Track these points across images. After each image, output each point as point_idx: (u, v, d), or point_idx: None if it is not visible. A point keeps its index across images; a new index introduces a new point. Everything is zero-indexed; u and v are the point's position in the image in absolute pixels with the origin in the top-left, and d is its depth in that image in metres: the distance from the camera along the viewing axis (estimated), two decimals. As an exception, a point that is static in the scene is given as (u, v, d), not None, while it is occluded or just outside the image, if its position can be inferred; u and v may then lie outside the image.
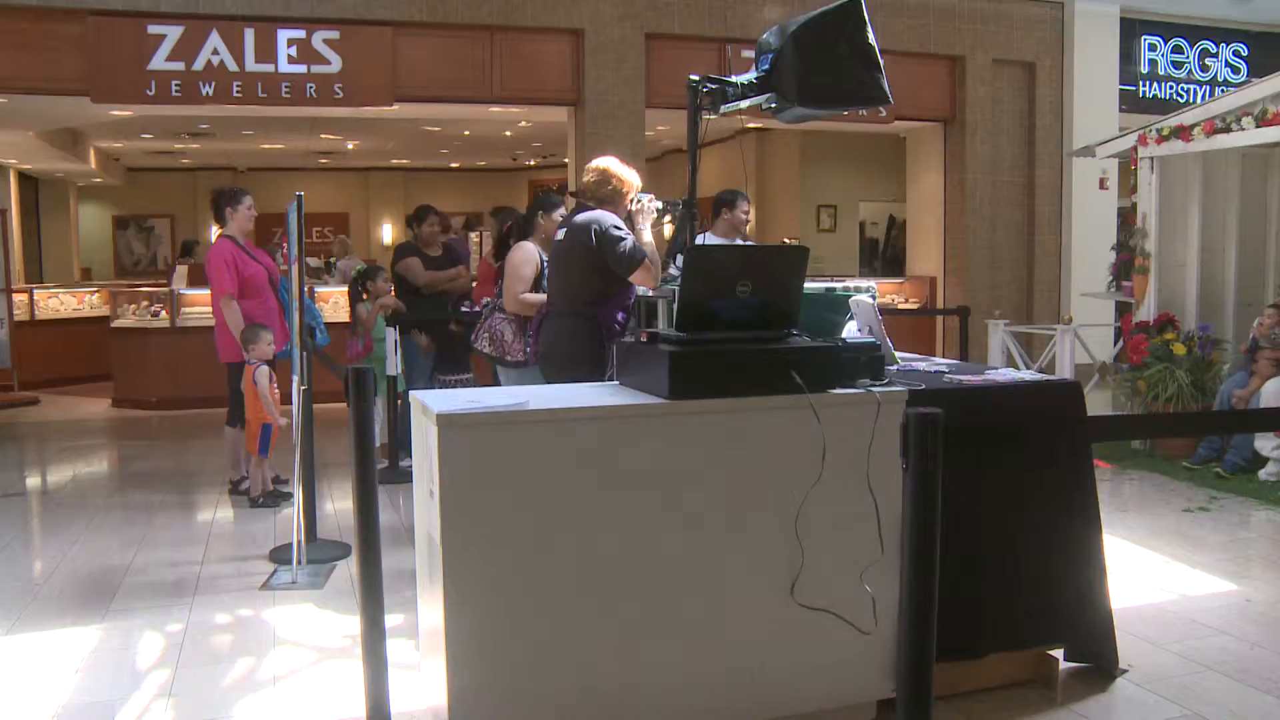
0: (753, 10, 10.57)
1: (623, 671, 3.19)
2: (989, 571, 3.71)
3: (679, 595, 3.23)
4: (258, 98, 9.47)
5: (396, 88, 9.86)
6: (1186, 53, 13.24)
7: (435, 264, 8.16)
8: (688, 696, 3.27)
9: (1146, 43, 12.98)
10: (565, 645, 3.12)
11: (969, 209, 11.90)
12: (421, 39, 9.88)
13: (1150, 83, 13.03)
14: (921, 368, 4.21)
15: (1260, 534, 6.11)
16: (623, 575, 3.16)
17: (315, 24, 9.50)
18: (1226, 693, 3.85)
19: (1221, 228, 8.57)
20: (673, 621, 3.23)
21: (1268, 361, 7.42)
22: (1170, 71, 13.15)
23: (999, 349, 9.31)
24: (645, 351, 3.36)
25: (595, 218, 4.78)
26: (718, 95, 4.57)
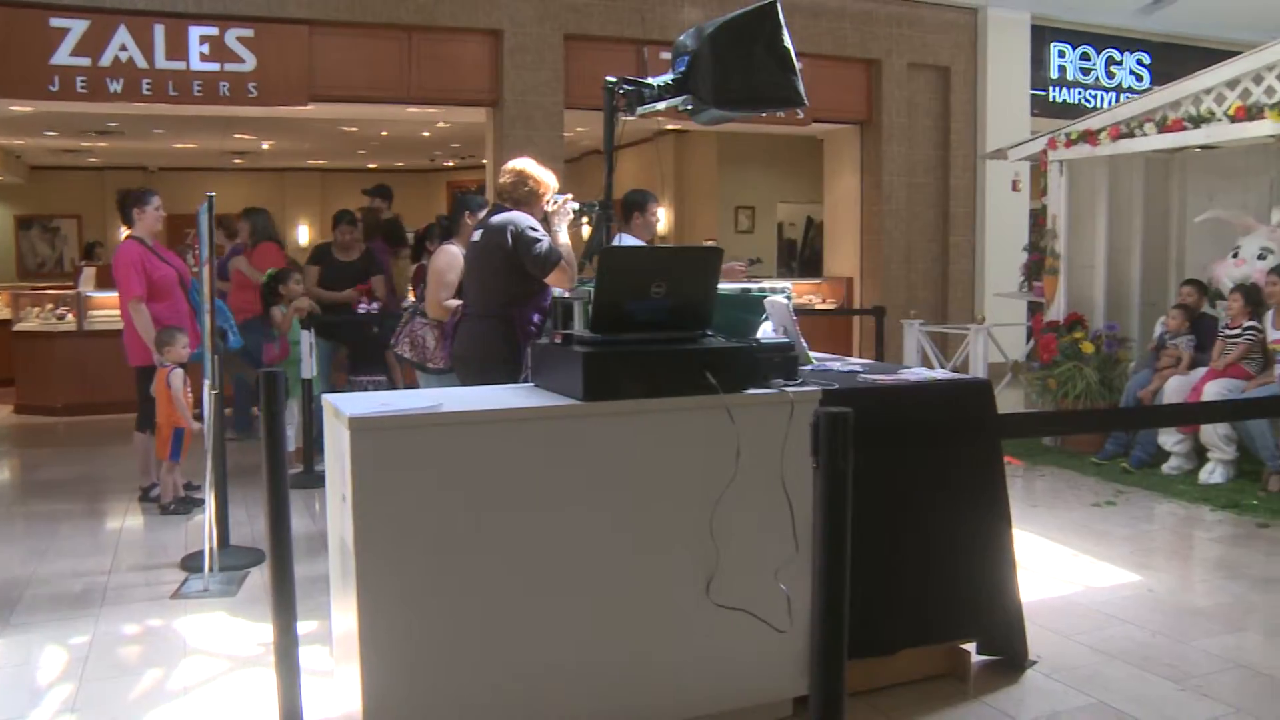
0: (671, 12, 10.60)
1: (539, 673, 3.18)
2: (901, 568, 3.76)
3: (594, 596, 3.23)
4: (168, 96, 9.25)
5: (312, 87, 9.70)
6: (1094, 60, 13.54)
7: (347, 271, 8.06)
8: (604, 697, 3.27)
9: (1056, 49, 13.25)
10: (480, 648, 3.10)
11: (885, 210, 12.06)
12: (338, 38, 9.74)
13: (1060, 88, 13.30)
14: (835, 367, 4.26)
15: (1163, 526, 6.29)
16: (538, 577, 3.15)
17: (228, 21, 9.31)
18: (1130, 680, 3.96)
19: (1127, 229, 8.79)
20: (588, 623, 3.23)
21: (1171, 359, 7.63)
22: (1079, 78, 13.44)
23: (914, 348, 9.45)
24: (560, 353, 3.35)
25: (511, 219, 4.77)
26: (634, 97, 4.56)
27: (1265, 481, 6.86)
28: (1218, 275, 7.87)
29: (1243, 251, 7.68)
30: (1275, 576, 5.30)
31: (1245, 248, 7.68)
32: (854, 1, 11.60)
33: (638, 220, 6.07)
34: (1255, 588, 5.10)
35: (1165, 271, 8.93)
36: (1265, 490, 6.78)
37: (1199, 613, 4.74)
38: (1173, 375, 7.50)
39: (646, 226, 6.16)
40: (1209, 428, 7.08)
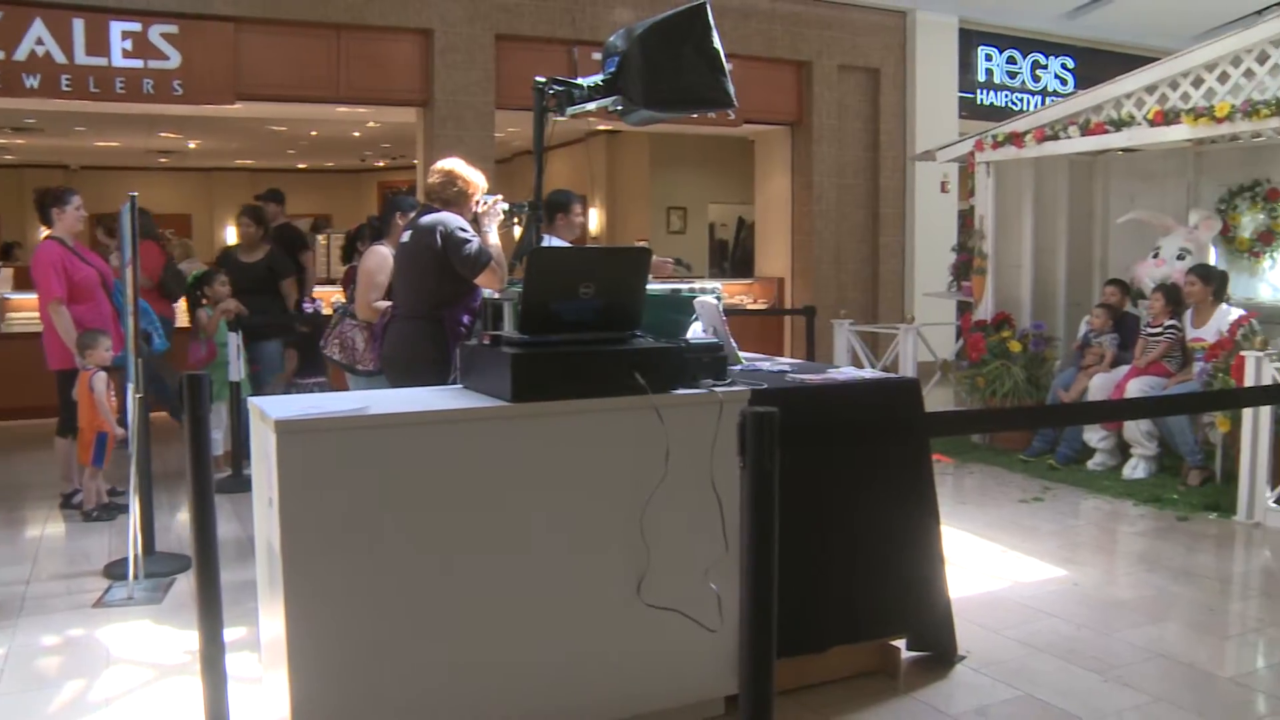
0: (603, 12, 10.59)
1: (469, 676, 3.16)
2: (832, 567, 3.79)
3: (525, 598, 3.21)
4: (89, 93, 9.03)
5: (239, 86, 9.54)
6: (1020, 63, 13.75)
7: (249, 272, 7.86)
8: (537, 699, 3.25)
9: (983, 53, 13.43)
10: (410, 651, 3.07)
11: (815, 211, 12.14)
12: (265, 36, 9.59)
13: (987, 91, 13.49)
14: (765, 367, 4.28)
15: (1088, 521, 6.40)
16: (468, 579, 3.13)
17: (151, 17, 9.11)
18: (1056, 672, 4.03)
19: (1052, 230, 8.94)
20: (519, 624, 3.21)
21: (1095, 358, 7.77)
22: (1005, 81, 13.64)
23: (844, 348, 9.52)
24: (488, 354, 3.34)
25: (441, 220, 4.73)
26: (564, 97, 4.55)
27: (1185, 476, 7.01)
28: (1139, 275, 8.03)
29: (1163, 252, 7.84)
30: (1195, 569, 5.42)
31: (1165, 248, 7.85)
32: (784, 3, 11.67)
33: (561, 221, 6.03)
34: (1176, 580, 5.21)
35: (1089, 271, 9.09)
36: (1185, 485, 6.93)
37: (1122, 605, 4.84)
38: (1097, 373, 7.64)
39: (570, 227, 6.13)
40: (1131, 424, 7.22)
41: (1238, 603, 5.06)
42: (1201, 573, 5.37)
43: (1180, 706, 3.74)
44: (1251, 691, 3.96)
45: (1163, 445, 7.27)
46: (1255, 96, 6.52)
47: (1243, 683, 4.04)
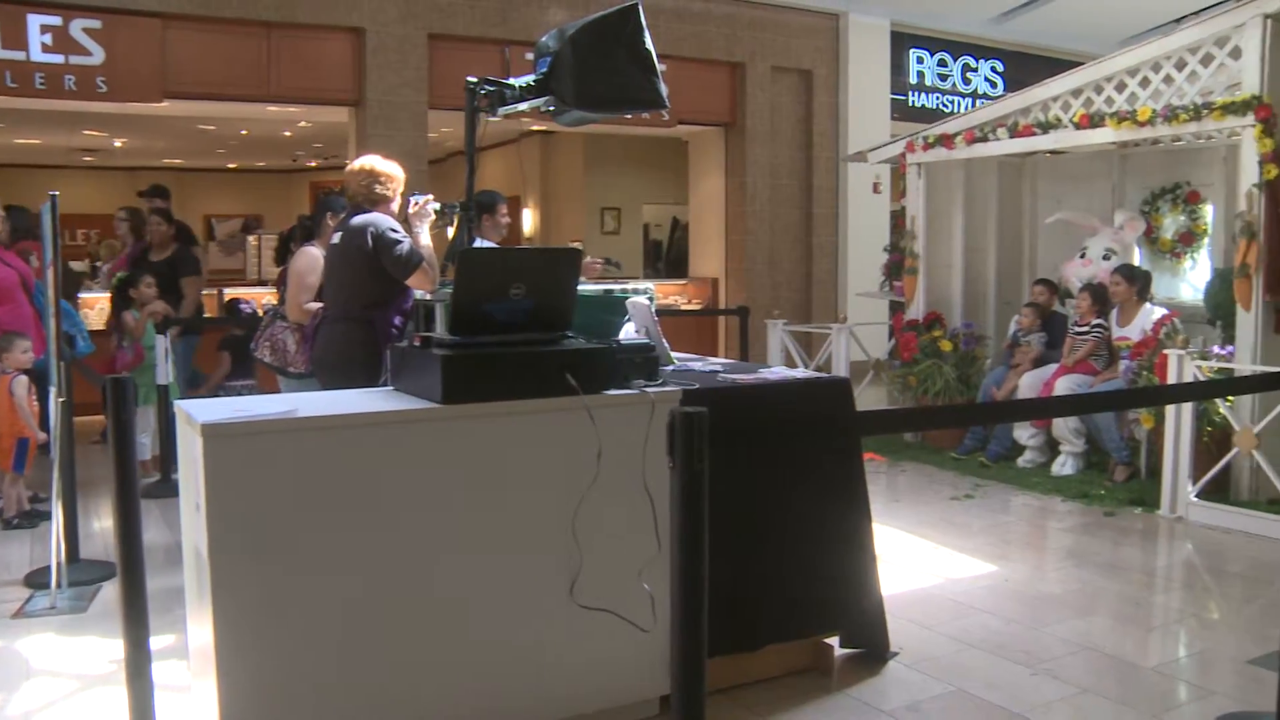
0: (536, 13, 10.56)
1: (402, 680, 3.13)
2: (765, 566, 3.80)
3: (457, 601, 3.19)
4: (6, 87, 8.77)
5: (166, 83, 9.37)
6: (950, 66, 13.93)
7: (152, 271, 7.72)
8: (470, 702, 3.23)
9: (915, 55, 13.59)
10: (341, 656, 3.04)
11: (749, 211, 12.20)
12: (193, 33, 9.42)
13: (918, 93, 13.65)
14: (697, 367, 4.29)
15: (1018, 517, 6.49)
16: (399, 583, 3.10)
17: (73, 11, 8.90)
18: (987, 667, 4.08)
19: (982, 230, 9.06)
20: (452, 627, 3.19)
21: (1024, 356, 7.88)
22: (936, 83, 13.81)
23: (778, 348, 9.57)
24: (419, 356, 3.31)
25: (372, 221, 4.69)
26: (496, 98, 4.54)
27: (1112, 472, 7.14)
28: (1067, 275, 8.17)
29: (1089, 252, 7.98)
30: (1120, 562, 5.52)
31: (1091, 248, 7.99)
32: (718, 5, 11.72)
33: (487, 222, 6.00)
34: (1103, 573, 5.30)
35: (1019, 271, 9.22)
36: (1112, 480, 7.06)
37: (1051, 599, 4.91)
38: (1026, 372, 7.76)
39: (496, 228, 6.10)
40: (1060, 422, 7.34)
41: (1161, 595, 5.16)
42: (1127, 566, 5.48)
43: (1106, 697, 3.82)
44: (1174, 680, 4.04)
45: (1090, 442, 7.40)
46: (1175, 102, 6.66)
47: (1165, 672, 4.12)
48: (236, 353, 7.89)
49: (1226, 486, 6.40)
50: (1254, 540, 5.82)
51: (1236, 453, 6.16)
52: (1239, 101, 6.26)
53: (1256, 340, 6.29)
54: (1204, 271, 8.03)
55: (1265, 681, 3.61)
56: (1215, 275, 7.30)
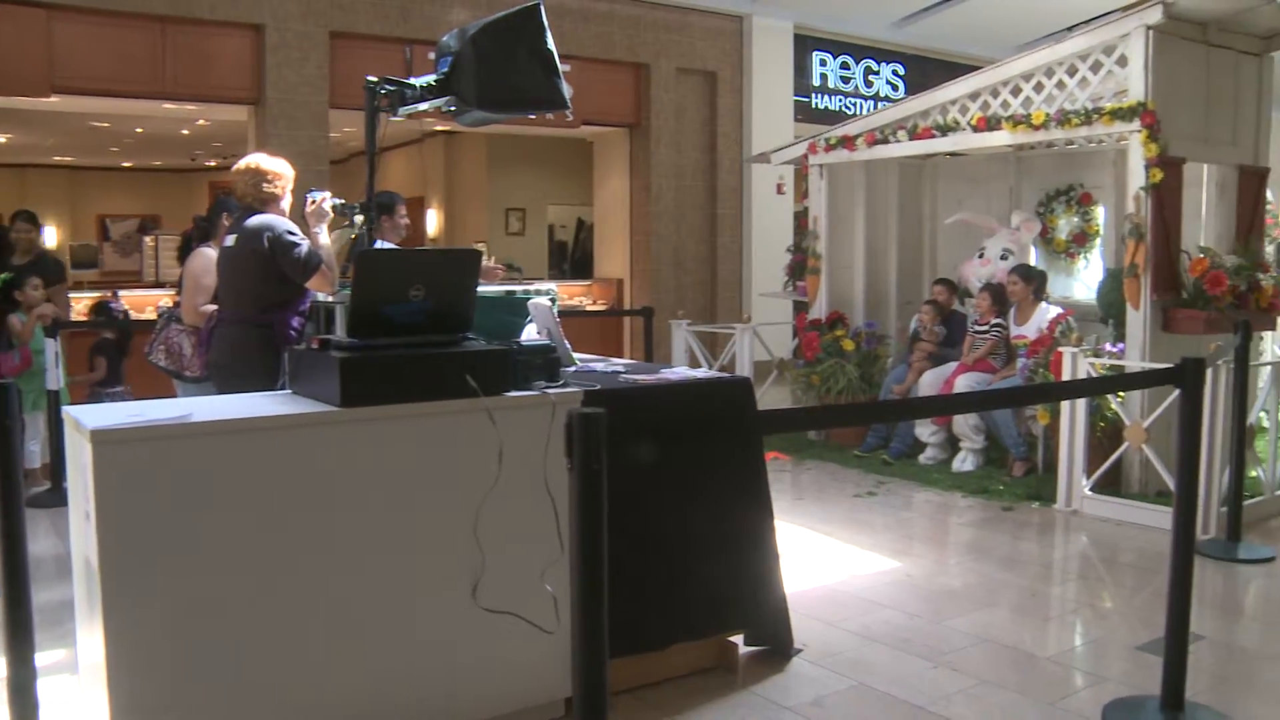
0: (439, 12, 10.47)
1: (302, 688, 3.08)
2: (668, 565, 3.82)
3: (359, 606, 3.15)
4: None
5: (54, 78, 9.07)
6: (853, 69, 14.11)
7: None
8: (372, 709, 3.19)
9: (818, 58, 13.75)
10: (238, 667, 2.98)
11: (654, 212, 12.23)
12: (82, 25, 9.12)
13: (821, 95, 13.81)
14: (599, 368, 4.29)
15: (920, 514, 6.60)
16: (298, 589, 3.05)
17: (-49, 1, 8.62)
18: (890, 662, 4.14)
19: (884, 231, 9.18)
20: (354, 633, 3.15)
21: (923, 355, 8.02)
22: (839, 86, 13.99)
23: (682, 349, 9.60)
24: (317, 359, 3.26)
25: (268, 223, 4.62)
26: (396, 97, 4.49)
27: (1010, 468, 7.30)
28: (966, 274, 8.32)
29: (988, 252, 8.14)
30: (1019, 556, 5.64)
31: (990, 248, 8.15)
32: (622, 6, 11.73)
33: (386, 223, 5.94)
34: (1002, 567, 5.41)
35: (920, 271, 9.37)
36: (1010, 476, 7.21)
37: (952, 593, 5.00)
38: (927, 370, 7.89)
39: (395, 229, 6.03)
40: (960, 419, 7.48)
41: (1058, 586, 5.28)
42: (1025, 559, 5.60)
43: (1004, 687, 3.90)
44: (1069, 669, 4.15)
45: (989, 439, 7.55)
46: (1067, 106, 6.83)
47: (1061, 661, 4.22)
48: (111, 358, 7.68)
49: (1118, 480, 6.58)
50: (1144, 531, 5.99)
51: (1127, 447, 6.33)
52: (1126, 108, 6.44)
53: (1145, 338, 6.47)
54: (1096, 271, 8.23)
55: (1153, 666, 3.72)
56: (1107, 275, 7.49)
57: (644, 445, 3.50)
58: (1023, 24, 12.94)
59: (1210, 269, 6.50)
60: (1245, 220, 7.15)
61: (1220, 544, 5.69)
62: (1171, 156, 6.44)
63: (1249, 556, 5.56)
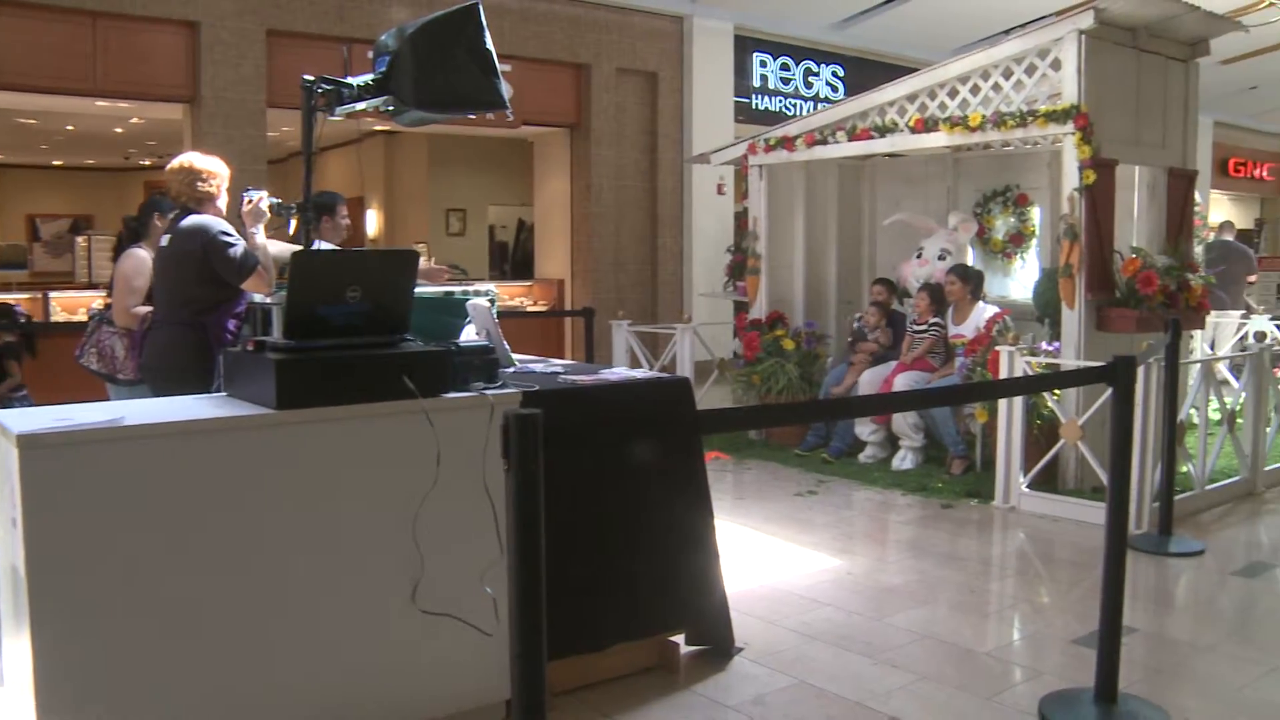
0: (379, 10, 10.39)
1: (238, 694, 3.03)
2: (608, 566, 3.82)
3: (297, 610, 3.11)
4: None
5: (-21, 72, 8.91)
6: (793, 70, 14.19)
7: None
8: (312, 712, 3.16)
9: (758, 59, 13.80)
10: (173, 673, 2.93)
11: (594, 213, 12.22)
12: (9, 19, 8.91)
13: (761, 96, 13.87)
14: (538, 369, 4.28)
15: (860, 512, 6.65)
16: (234, 595, 3.01)
17: None
18: (830, 659, 4.16)
19: (823, 231, 9.24)
20: (292, 638, 3.11)
21: (863, 355, 8.08)
22: (779, 86, 14.05)
23: (623, 349, 9.60)
24: (252, 361, 3.22)
25: (203, 224, 4.56)
26: (333, 96, 4.45)
27: (949, 465, 7.37)
28: (904, 274, 8.40)
29: (925, 252, 8.22)
30: (958, 552, 5.70)
31: (928, 249, 8.23)
32: (563, 6, 11.71)
33: (327, 224, 5.88)
34: (941, 564, 5.47)
35: (859, 271, 9.45)
36: (949, 474, 7.29)
37: (892, 591, 5.04)
38: (866, 369, 7.95)
39: (336, 230, 5.97)
40: (899, 417, 7.55)
41: (996, 582, 5.34)
42: (964, 556, 5.66)
43: (943, 682, 3.94)
44: (1008, 664, 4.20)
45: (928, 437, 7.62)
46: (1003, 109, 6.92)
47: (999, 656, 4.28)
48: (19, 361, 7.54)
49: (1055, 476, 6.68)
50: (1080, 527, 6.08)
51: (1063, 444, 6.42)
52: (1060, 110, 6.54)
53: (1080, 337, 6.57)
54: (1033, 271, 8.35)
55: (1088, 659, 3.77)
56: (1043, 275, 7.59)
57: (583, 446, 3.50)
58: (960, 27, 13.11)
59: (1142, 269, 6.62)
60: (1175, 221, 7.29)
61: (1152, 538, 5.79)
62: (1104, 158, 6.55)
63: (1180, 550, 5.67)
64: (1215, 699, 3.85)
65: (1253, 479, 7.00)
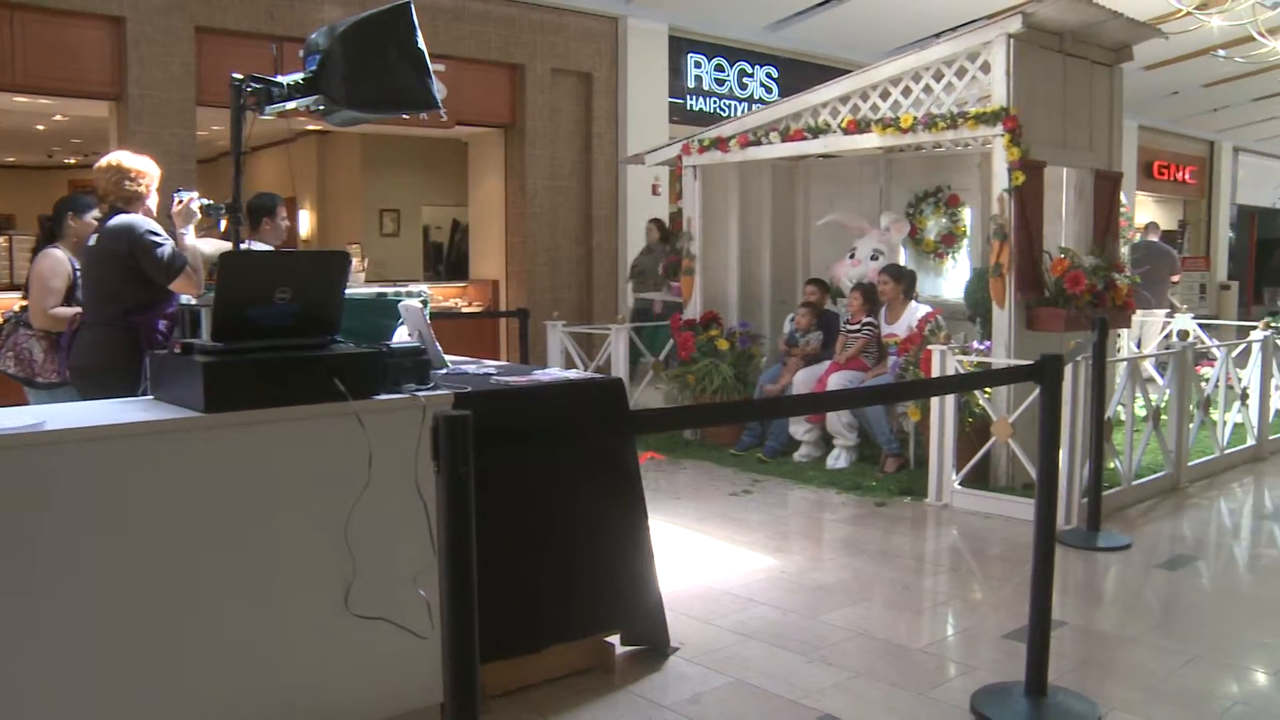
0: (310, 8, 10.25)
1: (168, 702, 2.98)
2: (543, 567, 3.81)
3: (226, 616, 3.06)
4: None
5: (-112, 66, 8.62)
6: (727, 71, 14.22)
7: None
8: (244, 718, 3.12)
9: (693, 60, 13.82)
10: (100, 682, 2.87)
11: (529, 213, 12.17)
12: (-82, 9, 8.68)
13: (696, 97, 13.89)
14: (471, 370, 4.26)
15: (795, 511, 6.69)
16: (163, 601, 2.95)
17: None
18: (765, 657, 4.19)
19: (757, 232, 9.30)
20: (222, 644, 3.06)
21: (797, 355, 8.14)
22: (714, 88, 14.08)
23: (557, 350, 9.58)
24: (180, 363, 3.17)
25: (130, 223, 4.49)
26: (263, 95, 4.39)
27: (883, 464, 7.45)
28: (837, 275, 8.47)
29: (858, 253, 8.30)
30: (892, 550, 5.76)
31: (860, 249, 8.31)
32: (497, 6, 11.65)
33: (267, 225, 5.82)
34: (875, 561, 5.52)
35: (793, 271, 9.51)
36: (883, 472, 7.36)
37: (827, 589, 5.08)
38: (800, 369, 8.00)
39: (276, 231, 5.92)
40: (833, 417, 7.61)
41: (929, 578, 5.41)
42: (898, 553, 5.72)
43: (878, 679, 3.98)
44: (942, 660, 4.26)
45: (862, 436, 7.68)
46: (934, 110, 7.00)
47: (932, 651, 4.34)
48: None
49: (987, 474, 6.78)
50: (1011, 523, 6.17)
51: (994, 442, 6.52)
52: (989, 112, 6.63)
53: (1010, 335, 6.67)
54: (964, 271, 8.46)
55: (1019, 653, 3.83)
56: (974, 274, 7.70)
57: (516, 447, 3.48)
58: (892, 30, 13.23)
59: (1070, 269, 6.73)
60: (1101, 222, 7.42)
61: (1081, 533, 5.90)
62: (1033, 160, 6.66)
63: (1108, 544, 5.77)
64: (1140, 688, 3.93)
65: (1177, 474, 7.15)
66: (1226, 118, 20.75)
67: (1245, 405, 8.27)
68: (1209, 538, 6.18)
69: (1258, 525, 6.52)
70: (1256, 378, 8.29)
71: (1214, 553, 5.88)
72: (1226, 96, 18.68)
